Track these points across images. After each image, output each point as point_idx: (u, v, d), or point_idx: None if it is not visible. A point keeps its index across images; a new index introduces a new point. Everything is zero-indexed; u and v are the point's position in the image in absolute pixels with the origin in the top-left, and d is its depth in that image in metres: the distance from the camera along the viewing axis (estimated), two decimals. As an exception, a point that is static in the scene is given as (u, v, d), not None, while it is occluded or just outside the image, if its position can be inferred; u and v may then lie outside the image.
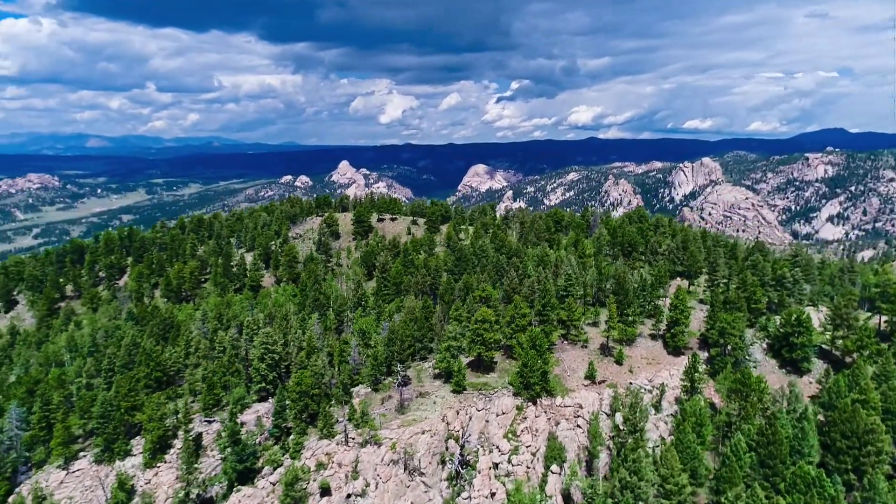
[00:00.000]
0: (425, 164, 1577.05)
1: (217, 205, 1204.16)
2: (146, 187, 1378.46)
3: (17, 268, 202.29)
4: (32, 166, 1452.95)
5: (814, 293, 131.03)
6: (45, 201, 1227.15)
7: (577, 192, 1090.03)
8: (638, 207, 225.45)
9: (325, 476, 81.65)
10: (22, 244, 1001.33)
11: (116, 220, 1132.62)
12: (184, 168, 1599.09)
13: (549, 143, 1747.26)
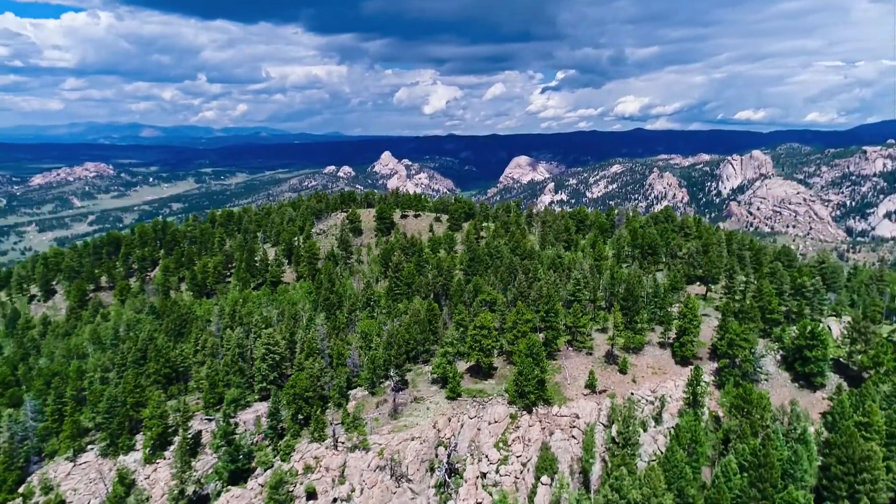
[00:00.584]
0: (467, 155, 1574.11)
1: (262, 194, 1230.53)
2: (195, 176, 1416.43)
3: (56, 259, 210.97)
4: (89, 155, 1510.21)
5: (838, 302, 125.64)
6: (101, 189, 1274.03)
7: (621, 184, 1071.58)
8: (666, 207, 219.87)
9: (312, 480, 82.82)
10: (78, 230, 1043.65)
11: (167, 208, 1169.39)
12: (232, 158, 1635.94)
13: (593, 135, 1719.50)
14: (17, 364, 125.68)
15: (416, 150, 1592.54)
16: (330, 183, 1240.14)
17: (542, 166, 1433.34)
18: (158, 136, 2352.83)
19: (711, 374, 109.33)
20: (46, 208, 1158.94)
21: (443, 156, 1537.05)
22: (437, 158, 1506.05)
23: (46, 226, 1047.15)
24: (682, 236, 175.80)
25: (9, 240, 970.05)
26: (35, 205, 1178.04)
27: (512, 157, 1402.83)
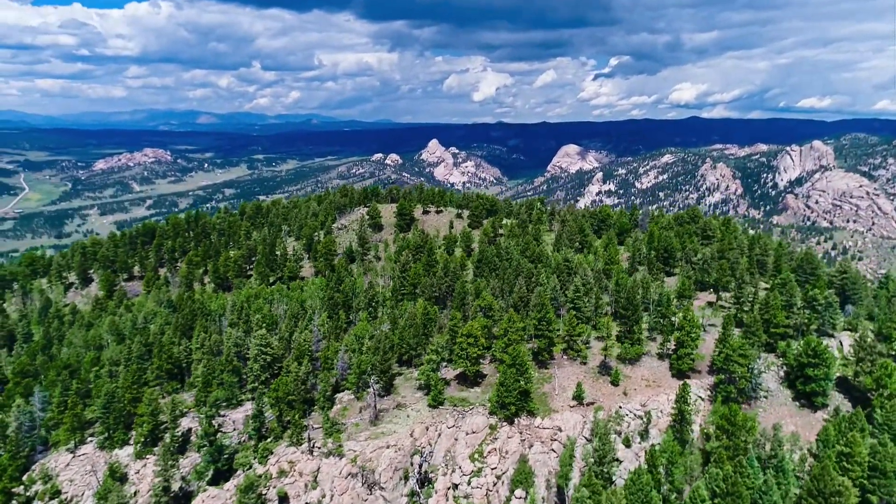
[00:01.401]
0: (515, 144, 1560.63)
1: (311, 181, 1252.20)
2: (248, 163, 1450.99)
3: (94, 248, 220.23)
4: (149, 141, 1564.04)
5: (855, 315, 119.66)
6: (158, 174, 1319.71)
7: (671, 175, 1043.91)
8: (693, 207, 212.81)
9: (286, 484, 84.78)
10: (136, 214, 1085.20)
11: (219, 193, 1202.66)
12: (283, 144, 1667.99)
13: (646, 123, 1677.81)
14: (37, 353, 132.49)
15: (463, 138, 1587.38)
16: (377, 170, 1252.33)
17: (592, 155, 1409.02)
18: (214, 123, 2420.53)
19: (708, 388, 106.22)
20: (108, 192, 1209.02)
21: (490, 144, 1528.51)
22: (485, 146, 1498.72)
23: (107, 209, 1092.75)
24: (703, 239, 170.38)
25: (73, 222, 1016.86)
26: (97, 189, 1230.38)
27: (561, 145, 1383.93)
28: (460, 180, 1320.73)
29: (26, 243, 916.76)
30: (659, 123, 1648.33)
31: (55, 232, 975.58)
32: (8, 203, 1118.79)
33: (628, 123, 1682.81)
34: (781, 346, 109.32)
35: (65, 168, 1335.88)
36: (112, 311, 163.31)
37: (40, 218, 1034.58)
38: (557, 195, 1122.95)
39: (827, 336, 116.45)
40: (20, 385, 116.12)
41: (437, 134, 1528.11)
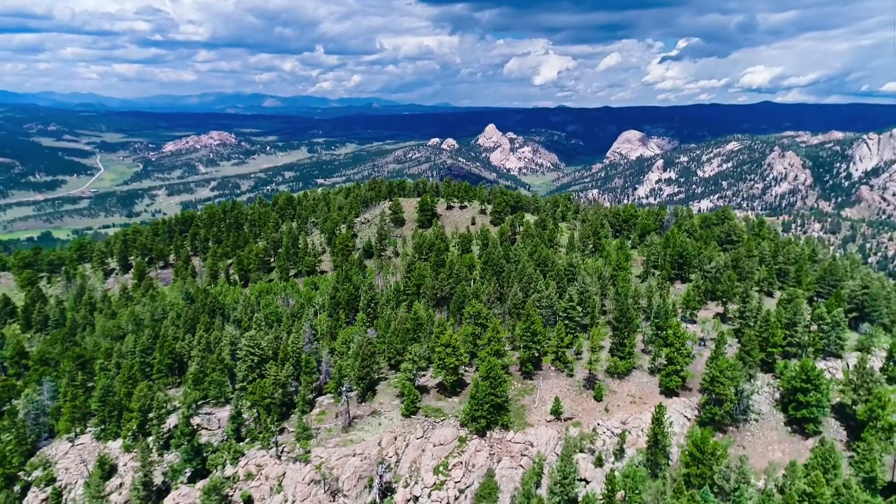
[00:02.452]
0: (575, 129, 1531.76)
1: (367, 165, 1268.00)
2: (308, 146, 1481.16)
3: (134, 236, 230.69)
4: (215, 124, 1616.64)
5: (868, 336, 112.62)
6: (223, 157, 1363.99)
7: (736, 163, 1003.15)
8: (724, 207, 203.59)
9: (251, 487, 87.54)
10: (201, 195, 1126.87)
11: (280, 176, 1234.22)
12: (343, 128, 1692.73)
13: (713, 108, 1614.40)
14: (57, 341, 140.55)
15: (522, 123, 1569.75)
16: (433, 155, 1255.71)
17: (654, 142, 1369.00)
18: (278, 107, 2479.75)
19: (697, 408, 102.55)
20: (175, 174, 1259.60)
21: (549, 129, 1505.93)
22: (543, 132, 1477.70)
23: (174, 190, 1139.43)
24: (727, 244, 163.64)
25: (142, 202, 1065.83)
26: (166, 170, 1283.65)
27: (621, 131, 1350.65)
28: (516, 166, 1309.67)
29: (99, 221, 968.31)
30: (727, 109, 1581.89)
31: (126, 211, 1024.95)
32: (85, 183, 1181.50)
33: (694, 108, 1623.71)
34: (779, 366, 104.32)
35: (137, 149, 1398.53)
36: (137, 301, 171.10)
37: (113, 197, 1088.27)
38: (615, 182, 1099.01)
39: (834, 357, 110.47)
40: (37, 372, 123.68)
41: (495, 118, 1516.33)
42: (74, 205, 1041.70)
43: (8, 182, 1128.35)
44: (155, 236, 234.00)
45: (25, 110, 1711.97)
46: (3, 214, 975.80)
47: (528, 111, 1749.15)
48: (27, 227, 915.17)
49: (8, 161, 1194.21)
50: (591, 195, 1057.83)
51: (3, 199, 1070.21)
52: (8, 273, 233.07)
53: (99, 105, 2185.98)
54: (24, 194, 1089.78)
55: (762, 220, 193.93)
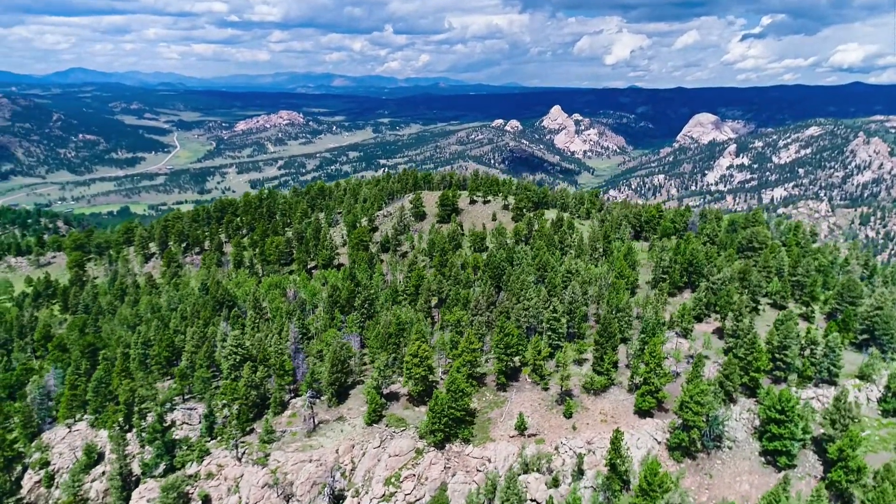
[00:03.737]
0: (645, 111, 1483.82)
1: (430, 146, 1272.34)
2: (373, 126, 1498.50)
3: (174, 222, 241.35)
4: (285, 104, 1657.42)
5: (869, 364, 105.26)
6: (291, 136, 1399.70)
7: (815, 150, 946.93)
8: (756, 210, 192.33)
9: (210, 486, 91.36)
10: (268, 174, 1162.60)
11: (344, 156, 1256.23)
12: (409, 108, 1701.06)
13: (797, 89, 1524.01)
14: (77, 327, 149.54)
15: (590, 104, 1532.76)
16: (496, 137, 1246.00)
17: (728, 125, 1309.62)
18: (347, 86, 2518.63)
19: (666, 430, 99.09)
20: (245, 152, 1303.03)
21: (618, 110, 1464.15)
22: (611, 113, 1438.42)
23: (244, 168, 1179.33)
24: (747, 251, 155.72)
25: (213, 180, 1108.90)
26: (237, 148, 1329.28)
27: (694, 113, 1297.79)
28: (581, 149, 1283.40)
29: (173, 197, 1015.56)
30: (812, 90, 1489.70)
31: (198, 188, 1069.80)
32: (162, 160, 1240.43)
33: (775, 90, 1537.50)
34: (761, 392, 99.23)
35: (211, 128, 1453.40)
36: (160, 289, 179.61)
37: (186, 174, 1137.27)
38: (684, 167, 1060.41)
39: (828, 384, 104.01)
40: (52, 357, 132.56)
41: (562, 99, 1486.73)
42: (151, 181, 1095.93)
43: (93, 158, 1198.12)
44: (194, 222, 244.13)
45: (112, 89, 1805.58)
46: (88, 189, 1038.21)
47: (597, 92, 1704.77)
48: (108, 201, 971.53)
49: (94, 138, 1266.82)
50: (657, 180, 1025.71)
51: (89, 174, 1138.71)
52: (62, 253, 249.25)
53: (179, 84, 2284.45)
54: (107, 170, 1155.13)
55: (798, 224, 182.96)
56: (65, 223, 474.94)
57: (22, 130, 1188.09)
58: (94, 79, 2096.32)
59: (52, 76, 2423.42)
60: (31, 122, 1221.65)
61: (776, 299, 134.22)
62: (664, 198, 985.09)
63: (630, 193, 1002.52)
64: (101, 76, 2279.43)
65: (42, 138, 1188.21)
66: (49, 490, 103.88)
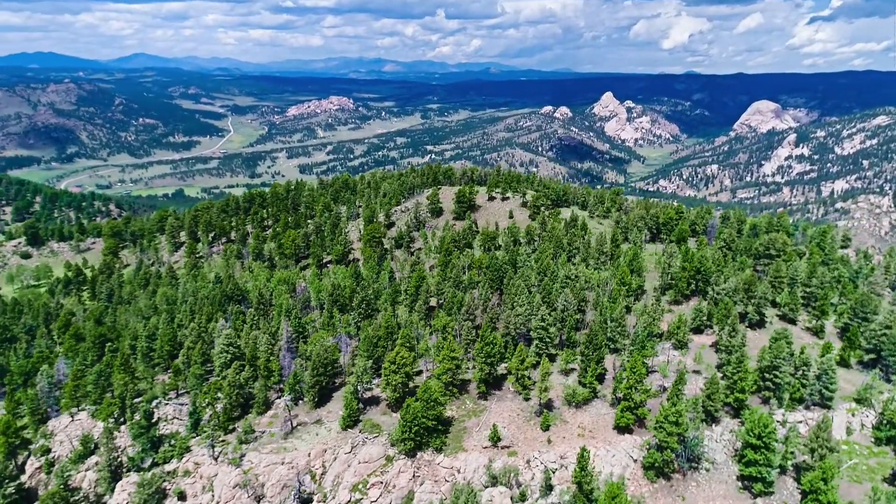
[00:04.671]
0: (701, 98, 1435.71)
1: (477, 133, 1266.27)
2: (422, 112, 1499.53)
3: (203, 212, 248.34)
4: (336, 89, 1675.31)
5: (867, 387, 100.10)
6: (340, 121, 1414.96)
7: (882, 141, 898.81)
8: (780, 214, 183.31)
9: (186, 484, 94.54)
10: (317, 159, 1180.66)
11: (391, 142, 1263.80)
12: (458, 94, 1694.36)
13: (867, 75, 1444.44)
14: (92, 317, 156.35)
15: (643, 90, 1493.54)
16: (545, 124, 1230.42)
17: (789, 114, 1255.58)
18: (398, 72, 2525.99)
19: (641, 448, 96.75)
20: (296, 137, 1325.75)
21: (672, 97, 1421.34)
22: (665, 100, 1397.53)
23: (293, 153, 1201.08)
24: (763, 258, 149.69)
25: (264, 164, 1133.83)
26: (288, 133, 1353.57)
27: (754, 100, 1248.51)
28: (632, 137, 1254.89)
29: (225, 181, 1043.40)
30: (883, 76, 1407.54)
31: (249, 172, 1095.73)
32: (216, 144, 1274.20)
33: (843, 76, 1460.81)
34: (745, 413, 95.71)
35: (264, 113, 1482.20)
36: (183, 279, 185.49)
37: (239, 159, 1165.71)
38: (739, 157, 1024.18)
39: (821, 408, 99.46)
40: (66, 346, 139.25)
41: (614, 85, 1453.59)
42: (205, 164, 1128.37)
43: (151, 142, 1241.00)
44: (222, 212, 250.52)
45: (171, 74, 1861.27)
46: (145, 172, 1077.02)
47: (651, 77, 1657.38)
48: (164, 184, 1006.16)
49: (153, 122, 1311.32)
50: (710, 170, 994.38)
51: (147, 157, 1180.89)
52: (102, 239, 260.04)
53: (235, 69, 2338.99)
54: (164, 153, 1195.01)
55: (826, 229, 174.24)
56: (116, 206, 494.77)
57: (86, 114, 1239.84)
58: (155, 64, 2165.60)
59: (116, 61, 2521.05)
60: (94, 106, 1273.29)
61: (785, 311, 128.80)
62: (716, 189, 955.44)
63: (681, 184, 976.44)
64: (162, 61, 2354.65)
65: (105, 122, 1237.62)
66: (49, 476, 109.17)
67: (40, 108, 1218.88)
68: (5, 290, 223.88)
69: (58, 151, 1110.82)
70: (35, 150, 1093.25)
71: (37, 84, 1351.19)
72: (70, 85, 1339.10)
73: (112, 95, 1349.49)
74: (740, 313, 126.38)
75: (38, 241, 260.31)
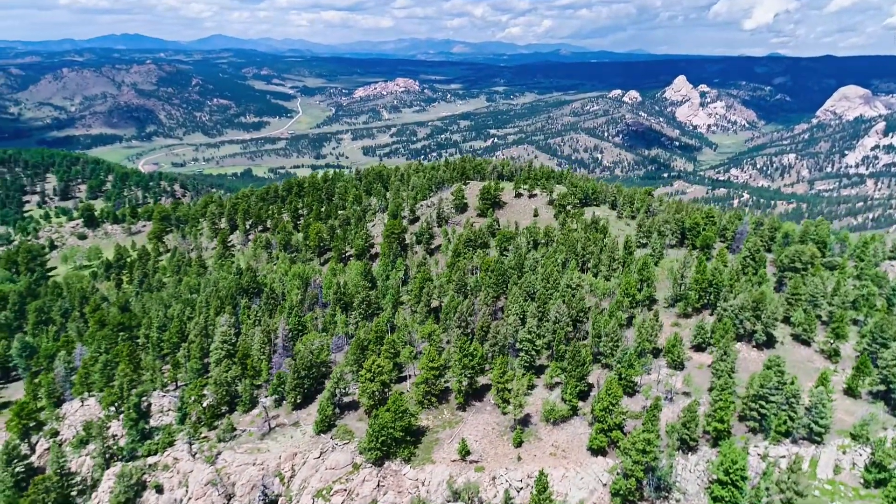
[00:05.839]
0: (782, 82, 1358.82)
1: (542, 116, 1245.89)
2: (487, 95, 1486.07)
3: (243, 200, 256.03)
4: (404, 71, 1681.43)
5: (864, 423, 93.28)
6: (405, 104, 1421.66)
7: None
8: (818, 222, 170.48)
9: (164, 478, 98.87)
10: (380, 141, 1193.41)
11: (455, 125, 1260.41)
12: (526, 76, 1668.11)
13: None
14: (119, 304, 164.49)
15: (720, 74, 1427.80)
16: (612, 108, 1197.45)
17: (881, 100, 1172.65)
18: (466, 53, 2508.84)
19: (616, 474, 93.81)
20: (361, 119, 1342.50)
21: (751, 81, 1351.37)
22: (743, 84, 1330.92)
23: (358, 135, 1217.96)
24: (788, 270, 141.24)
25: (329, 145, 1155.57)
26: (354, 115, 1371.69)
27: (842, 85, 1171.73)
28: (705, 123, 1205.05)
29: (291, 162, 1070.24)
30: None
31: (314, 153, 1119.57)
32: (284, 125, 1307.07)
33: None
34: (723, 445, 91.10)
35: (332, 94, 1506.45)
36: (213, 268, 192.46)
37: (305, 140, 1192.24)
38: (820, 146, 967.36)
39: (810, 442, 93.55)
40: (90, 332, 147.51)
41: (689, 68, 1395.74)
42: (273, 145, 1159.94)
43: (224, 122, 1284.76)
44: (262, 201, 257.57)
45: (245, 55, 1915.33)
46: (217, 151, 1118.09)
47: (730, 60, 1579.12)
48: (234, 163, 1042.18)
49: (226, 102, 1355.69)
50: (787, 160, 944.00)
51: (219, 136, 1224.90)
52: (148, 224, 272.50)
53: (306, 51, 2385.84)
54: (235, 133, 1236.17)
55: (870, 239, 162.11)
56: (181, 187, 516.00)
57: (165, 94, 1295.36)
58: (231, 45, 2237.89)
59: (196, 43, 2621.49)
60: (173, 86, 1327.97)
61: (799, 332, 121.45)
62: (792, 179, 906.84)
63: (754, 173, 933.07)
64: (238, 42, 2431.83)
65: (181, 102, 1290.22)
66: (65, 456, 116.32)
67: (123, 89, 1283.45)
68: (60, 269, 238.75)
69: (138, 130, 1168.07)
70: (118, 129, 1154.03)
71: (121, 65, 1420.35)
72: (151, 66, 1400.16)
73: (189, 76, 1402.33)
74: (749, 332, 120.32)
75: (94, 222, 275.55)
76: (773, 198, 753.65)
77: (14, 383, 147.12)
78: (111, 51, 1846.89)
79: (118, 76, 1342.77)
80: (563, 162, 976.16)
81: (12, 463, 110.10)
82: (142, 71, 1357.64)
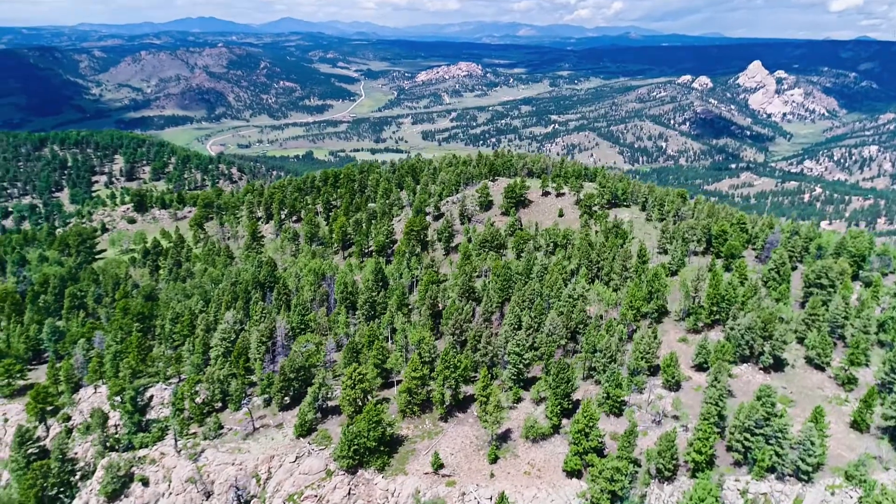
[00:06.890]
0: (870, 68, 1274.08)
1: (606, 102, 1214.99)
2: (551, 79, 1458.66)
3: (279, 190, 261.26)
4: (467, 54, 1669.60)
5: (860, 463, 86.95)
6: (467, 88, 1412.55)
7: None
8: (859, 232, 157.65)
9: (151, 472, 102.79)
10: (440, 126, 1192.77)
11: (516, 110, 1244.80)
12: (591, 60, 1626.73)
13: None
14: (144, 294, 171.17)
15: (800, 59, 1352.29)
16: (680, 95, 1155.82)
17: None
18: (532, 36, 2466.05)
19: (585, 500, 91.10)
20: (422, 103, 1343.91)
21: (834, 67, 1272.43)
22: (825, 70, 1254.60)
23: (418, 119, 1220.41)
24: (814, 287, 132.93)
25: (389, 129, 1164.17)
26: (415, 99, 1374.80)
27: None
28: (780, 111, 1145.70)
29: (351, 145, 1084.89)
30: None
31: (374, 137, 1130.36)
32: (347, 108, 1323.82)
33: None
34: (700, 478, 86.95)
35: (395, 78, 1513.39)
36: (240, 258, 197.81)
37: (366, 123, 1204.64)
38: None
39: (799, 480, 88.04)
40: (115, 320, 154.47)
41: (766, 53, 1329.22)
42: (335, 128, 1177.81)
43: (289, 104, 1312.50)
44: (297, 191, 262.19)
45: (313, 38, 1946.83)
46: (281, 133, 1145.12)
47: (812, 44, 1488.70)
48: (297, 145, 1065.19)
49: (292, 85, 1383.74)
50: (868, 152, 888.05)
51: (284, 119, 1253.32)
52: (193, 210, 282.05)
53: (372, 34, 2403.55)
54: (299, 115, 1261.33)
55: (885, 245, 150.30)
56: (238, 170, 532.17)
57: (234, 77, 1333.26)
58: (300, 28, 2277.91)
59: (266, 25, 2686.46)
60: (242, 69, 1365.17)
61: (812, 356, 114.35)
62: (873, 173, 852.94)
63: (830, 166, 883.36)
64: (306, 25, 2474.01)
65: (249, 84, 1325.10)
66: (66, 442, 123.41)
67: (196, 71, 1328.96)
68: (109, 252, 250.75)
69: (207, 112, 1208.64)
70: (189, 111, 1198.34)
71: (194, 48, 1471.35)
72: (222, 49, 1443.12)
73: (258, 59, 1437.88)
74: (757, 354, 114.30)
75: (143, 207, 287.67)
76: (848, 192, 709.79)
77: (44, 366, 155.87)
78: (186, 34, 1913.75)
79: (191, 59, 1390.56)
80: (624, 150, 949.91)
81: (25, 444, 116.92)
82: (213, 54, 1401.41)
